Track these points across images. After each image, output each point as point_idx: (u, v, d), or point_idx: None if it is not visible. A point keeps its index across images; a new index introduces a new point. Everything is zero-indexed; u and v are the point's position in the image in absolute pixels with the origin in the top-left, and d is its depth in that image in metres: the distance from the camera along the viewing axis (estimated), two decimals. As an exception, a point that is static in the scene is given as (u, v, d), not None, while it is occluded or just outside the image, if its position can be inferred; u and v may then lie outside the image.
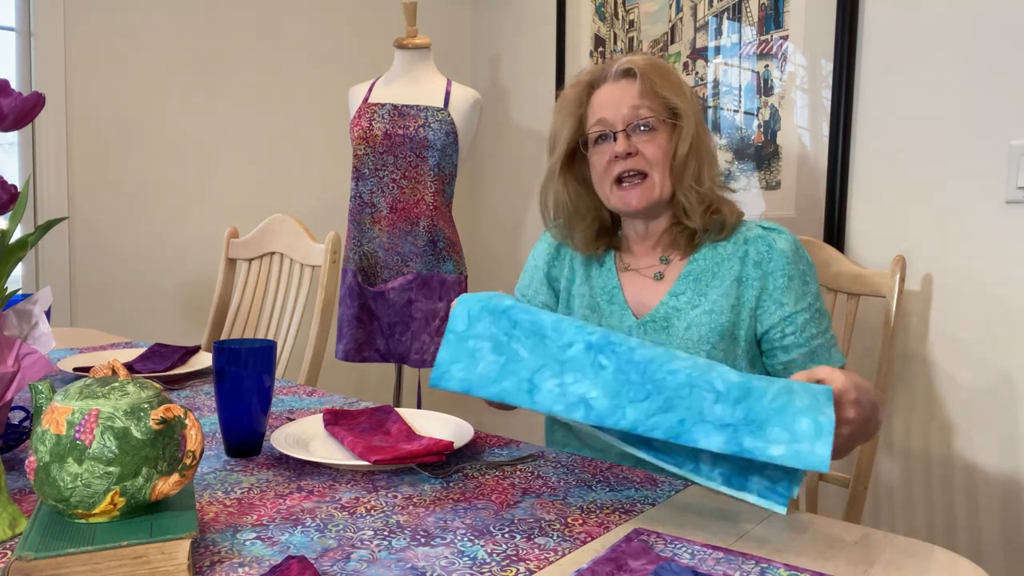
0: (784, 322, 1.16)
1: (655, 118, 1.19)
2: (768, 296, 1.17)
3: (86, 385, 0.77)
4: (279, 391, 1.42)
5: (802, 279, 1.18)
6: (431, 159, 2.16)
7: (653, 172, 1.19)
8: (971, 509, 1.81)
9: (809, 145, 2.04)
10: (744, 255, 1.19)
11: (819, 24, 1.99)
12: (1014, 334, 1.73)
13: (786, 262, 1.17)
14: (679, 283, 1.21)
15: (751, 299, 1.17)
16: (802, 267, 1.18)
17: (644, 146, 1.19)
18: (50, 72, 2.10)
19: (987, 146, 1.75)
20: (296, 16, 2.56)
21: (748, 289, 1.17)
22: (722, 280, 1.19)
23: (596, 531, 0.85)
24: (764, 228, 1.21)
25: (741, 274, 1.18)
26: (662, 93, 1.19)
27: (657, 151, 1.19)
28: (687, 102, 1.20)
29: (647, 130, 1.19)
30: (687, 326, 1.17)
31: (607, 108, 1.20)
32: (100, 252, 2.23)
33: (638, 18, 2.38)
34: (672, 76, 1.22)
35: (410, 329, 2.20)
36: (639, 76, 1.19)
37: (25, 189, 0.99)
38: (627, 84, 1.20)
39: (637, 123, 1.19)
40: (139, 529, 0.72)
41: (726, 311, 1.17)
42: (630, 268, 1.27)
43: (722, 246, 1.21)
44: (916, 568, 0.78)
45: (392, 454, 1.00)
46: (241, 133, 2.47)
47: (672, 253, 1.24)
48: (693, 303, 1.19)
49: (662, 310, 1.20)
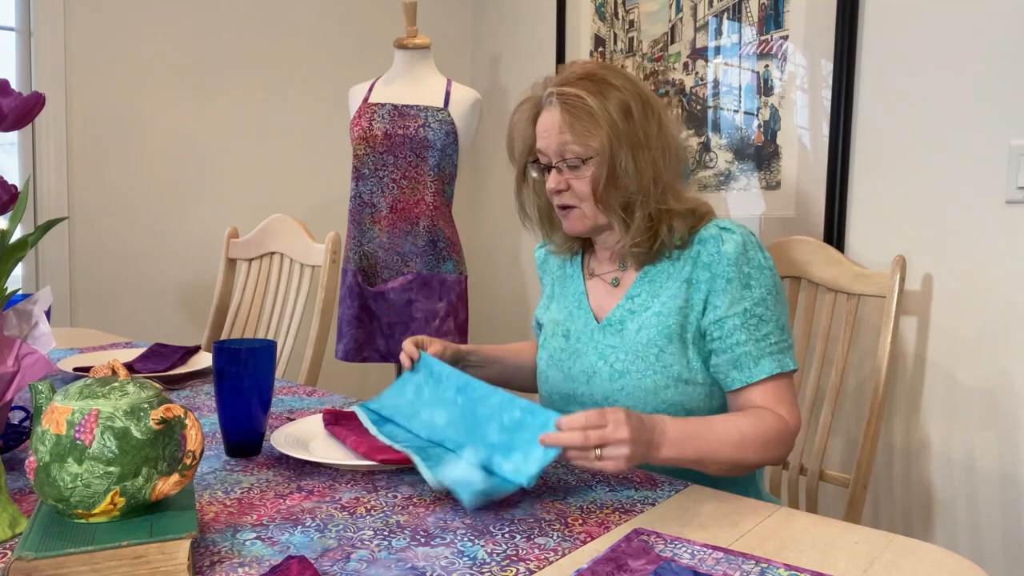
0: (713, 326, 1.13)
1: (578, 157, 1.16)
2: (711, 298, 1.14)
3: (86, 385, 0.77)
4: (279, 391, 1.42)
5: (743, 283, 1.13)
6: (431, 159, 2.16)
7: (582, 205, 1.19)
8: (971, 509, 1.81)
9: (809, 145, 2.04)
10: (697, 255, 1.16)
11: (819, 24, 1.99)
12: (1014, 334, 1.73)
13: (728, 264, 1.13)
14: (634, 286, 1.21)
15: (699, 301, 1.14)
16: (747, 269, 1.13)
17: (574, 181, 1.18)
18: (50, 72, 2.10)
19: (987, 146, 1.75)
20: (296, 16, 2.56)
21: (696, 291, 1.15)
22: (674, 281, 1.17)
23: (596, 531, 0.85)
24: (719, 228, 1.17)
25: (691, 275, 1.16)
26: (576, 133, 1.15)
27: (584, 186, 1.17)
28: (603, 138, 1.13)
29: (573, 167, 1.17)
30: (638, 328, 1.17)
31: (542, 138, 1.19)
32: (100, 252, 2.23)
33: (638, 18, 2.38)
34: (584, 112, 1.14)
35: (410, 329, 2.19)
36: (559, 111, 1.16)
37: (25, 189, 0.99)
38: (556, 114, 1.17)
39: (564, 159, 1.17)
40: (139, 529, 0.72)
41: (673, 313, 1.15)
42: (595, 274, 1.28)
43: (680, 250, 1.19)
44: (916, 568, 0.78)
45: (398, 454, 1.00)
46: (241, 133, 2.47)
47: (630, 260, 1.23)
48: (646, 305, 1.18)
49: (618, 313, 1.20)
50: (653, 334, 1.15)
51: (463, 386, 1.08)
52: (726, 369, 1.12)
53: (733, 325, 1.11)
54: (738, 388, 1.12)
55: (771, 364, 1.11)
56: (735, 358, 1.11)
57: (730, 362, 1.12)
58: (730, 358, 1.12)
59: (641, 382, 1.14)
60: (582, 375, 1.21)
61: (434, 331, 2.18)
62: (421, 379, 1.16)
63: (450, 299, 2.19)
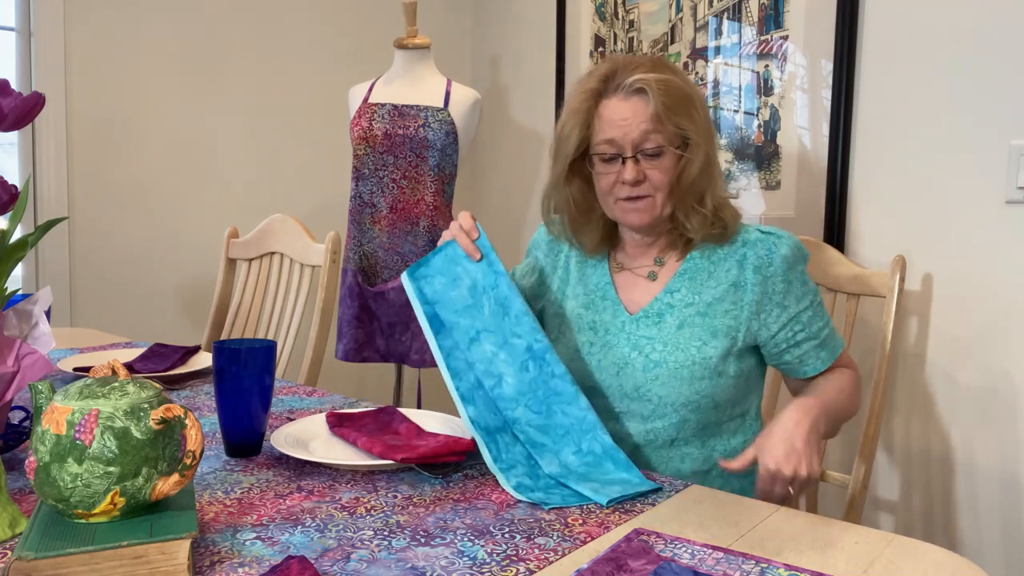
0: (792, 322, 1.19)
1: (665, 145, 1.17)
2: (770, 301, 1.18)
3: (86, 385, 0.77)
4: (279, 391, 1.42)
5: (802, 279, 1.21)
6: (431, 159, 2.16)
7: (657, 195, 1.19)
8: (971, 509, 1.81)
9: (809, 145, 2.04)
10: (743, 258, 1.19)
11: (819, 24, 1.99)
12: (1014, 334, 1.73)
13: (787, 267, 1.18)
14: (674, 281, 1.22)
15: (750, 303, 1.18)
16: (800, 267, 1.21)
17: (651, 171, 1.17)
18: (50, 72, 2.10)
19: (987, 146, 1.75)
20: (296, 16, 2.56)
21: (747, 294, 1.18)
22: (718, 282, 1.19)
23: (596, 531, 0.85)
24: (763, 232, 1.21)
25: (739, 279, 1.19)
26: (673, 118, 1.16)
27: (663, 177, 1.18)
28: (699, 123, 1.17)
29: (654, 156, 1.17)
30: (679, 324, 1.18)
31: (616, 128, 1.17)
32: (100, 252, 2.22)
33: (638, 18, 2.39)
34: (684, 96, 1.17)
35: (410, 329, 2.19)
36: (651, 97, 1.15)
37: (25, 189, 0.99)
38: (638, 103, 1.16)
39: (646, 149, 1.16)
40: (139, 529, 0.72)
41: (720, 314, 1.18)
42: (624, 268, 1.28)
43: (720, 248, 1.22)
44: (916, 568, 0.78)
45: (415, 452, 1.00)
46: (241, 133, 2.47)
47: (668, 255, 1.25)
48: (687, 301, 1.20)
49: (656, 306, 1.21)
50: (698, 330, 1.17)
51: (539, 352, 1.08)
52: (814, 352, 1.22)
53: (810, 316, 1.21)
54: (827, 366, 1.24)
55: (839, 337, 1.26)
56: (821, 341, 1.22)
57: (817, 346, 1.22)
58: (817, 343, 1.22)
59: (678, 372, 1.17)
60: (612, 367, 1.21)
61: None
62: (478, 276, 1.12)
63: (450, 299, 2.19)
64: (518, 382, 1.07)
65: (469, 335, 1.10)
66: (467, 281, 1.13)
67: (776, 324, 1.19)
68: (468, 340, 1.09)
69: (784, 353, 1.22)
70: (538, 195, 1.33)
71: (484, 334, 1.10)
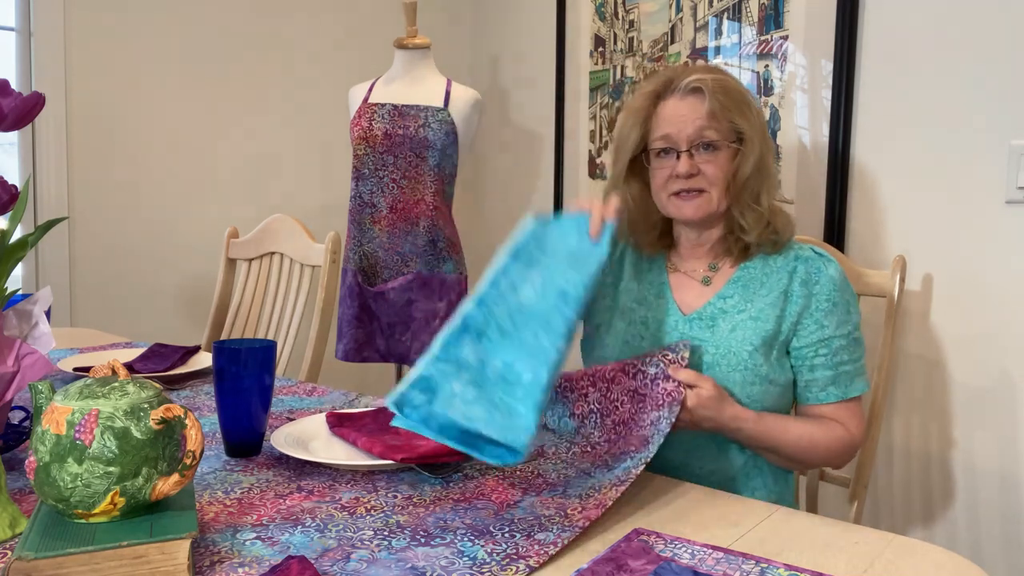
0: (820, 343, 1.19)
1: (720, 140, 1.20)
2: (810, 315, 1.20)
3: (86, 385, 0.77)
4: (279, 391, 1.42)
5: (846, 307, 1.21)
6: (431, 159, 2.16)
7: (712, 190, 1.21)
8: (971, 509, 1.81)
9: (809, 145, 2.04)
10: (793, 271, 1.22)
11: (819, 24, 1.99)
12: (1014, 334, 1.73)
13: (833, 288, 1.20)
14: (728, 287, 1.24)
15: (793, 313, 1.20)
16: (847, 296, 1.22)
17: (705, 165, 1.20)
18: (50, 72, 2.10)
19: (987, 146, 1.75)
20: (296, 16, 2.56)
21: (792, 304, 1.20)
22: (770, 291, 1.22)
23: (594, 513, 0.85)
24: (816, 253, 1.24)
25: (788, 288, 1.21)
26: (729, 116, 1.20)
27: (718, 171, 1.20)
28: (753, 123, 1.21)
29: (709, 150, 1.20)
30: (731, 328, 1.20)
31: (672, 124, 1.21)
32: (100, 252, 2.22)
33: (638, 18, 2.39)
34: (739, 96, 1.22)
35: (410, 329, 2.20)
36: (707, 96, 1.19)
37: (25, 189, 0.99)
38: (694, 101, 1.21)
39: (701, 143, 1.20)
40: (139, 529, 0.72)
41: (771, 320, 1.20)
42: (679, 270, 1.30)
43: (773, 259, 1.24)
44: (916, 568, 0.78)
45: (415, 452, 1.00)
46: (241, 133, 2.47)
47: (722, 261, 1.27)
48: (739, 308, 1.21)
49: (709, 310, 1.23)
50: (749, 334, 1.19)
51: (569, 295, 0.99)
52: (823, 383, 1.20)
53: (839, 345, 1.20)
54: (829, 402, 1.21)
55: (862, 384, 1.22)
56: (836, 375, 1.20)
57: (831, 378, 1.20)
58: (833, 375, 1.20)
59: (730, 376, 1.17)
60: None
61: (434, 331, 2.17)
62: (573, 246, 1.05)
63: (450, 299, 2.19)
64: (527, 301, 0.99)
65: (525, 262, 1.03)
66: (563, 248, 1.05)
67: (807, 338, 1.20)
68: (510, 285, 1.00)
69: (798, 372, 1.22)
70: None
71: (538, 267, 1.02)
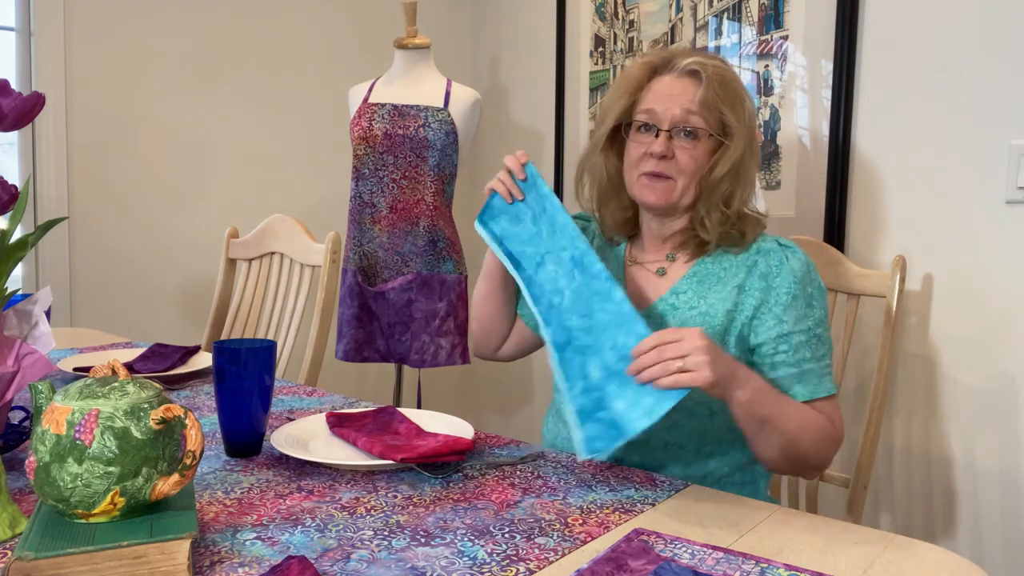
0: (779, 339, 1.14)
1: (703, 130, 1.16)
2: (768, 310, 1.15)
3: (86, 385, 0.77)
4: (279, 391, 1.42)
5: (807, 301, 1.15)
6: (431, 159, 2.16)
7: (679, 179, 1.17)
8: (971, 509, 1.81)
9: (809, 145, 2.04)
10: (752, 265, 1.17)
11: (819, 24, 1.99)
12: (1014, 334, 1.73)
13: (793, 281, 1.14)
14: (682, 282, 1.20)
15: (749, 308, 1.15)
16: (810, 290, 1.16)
17: (680, 152, 1.16)
18: (50, 72, 2.10)
19: (987, 146, 1.75)
20: (296, 16, 2.56)
21: (748, 298, 1.16)
22: (724, 285, 1.18)
23: (596, 531, 0.85)
24: (780, 244, 1.19)
25: (744, 282, 1.17)
26: (720, 107, 1.16)
27: (691, 162, 1.16)
28: (742, 121, 1.17)
29: (690, 137, 1.16)
30: (680, 325, 1.17)
31: (660, 101, 1.17)
32: (100, 252, 2.22)
33: (638, 18, 2.38)
34: (735, 91, 1.18)
35: (410, 329, 2.19)
36: (704, 82, 1.15)
37: (25, 189, 0.99)
38: (689, 84, 1.17)
39: (683, 128, 1.16)
40: (139, 529, 0.72)
41: (720, 315, 1.16)
42: (637, 262, 1.27)
43: (733, 255, 1.20)
44: (916, 568, 0.78)
45: (415, 452, 1.00)
46: (241, 133, 2.47)
47: (680, 253, 1.23)
48: (691, 304, 1.18)
49: (660, 306, 1.20)
50: None
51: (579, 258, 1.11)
52: (788, 382, 1.14)
53: (799, 341, 1.13)
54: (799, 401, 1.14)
55: (830, 384, 1.15)
56: (801, 373, 1.14)
57: (795, 376, 1.14)
58: (796, 373, 1.14)
59: None
60: None
61: (434, 331, 2.17)
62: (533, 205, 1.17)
63: (450, 299, 2.19)
64: (571, 292, 1.11)
65: (536, 261, 1.15)
66: (528, 213, 1.17)
67: (765, 334, 1.14)
68: (535, 266, 1.15)
69: (761, 373, 1.14)
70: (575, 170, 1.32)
71: (547, 256, 1.14)
